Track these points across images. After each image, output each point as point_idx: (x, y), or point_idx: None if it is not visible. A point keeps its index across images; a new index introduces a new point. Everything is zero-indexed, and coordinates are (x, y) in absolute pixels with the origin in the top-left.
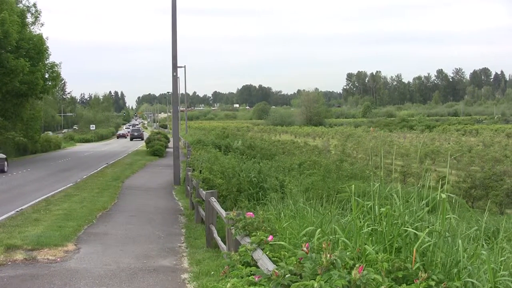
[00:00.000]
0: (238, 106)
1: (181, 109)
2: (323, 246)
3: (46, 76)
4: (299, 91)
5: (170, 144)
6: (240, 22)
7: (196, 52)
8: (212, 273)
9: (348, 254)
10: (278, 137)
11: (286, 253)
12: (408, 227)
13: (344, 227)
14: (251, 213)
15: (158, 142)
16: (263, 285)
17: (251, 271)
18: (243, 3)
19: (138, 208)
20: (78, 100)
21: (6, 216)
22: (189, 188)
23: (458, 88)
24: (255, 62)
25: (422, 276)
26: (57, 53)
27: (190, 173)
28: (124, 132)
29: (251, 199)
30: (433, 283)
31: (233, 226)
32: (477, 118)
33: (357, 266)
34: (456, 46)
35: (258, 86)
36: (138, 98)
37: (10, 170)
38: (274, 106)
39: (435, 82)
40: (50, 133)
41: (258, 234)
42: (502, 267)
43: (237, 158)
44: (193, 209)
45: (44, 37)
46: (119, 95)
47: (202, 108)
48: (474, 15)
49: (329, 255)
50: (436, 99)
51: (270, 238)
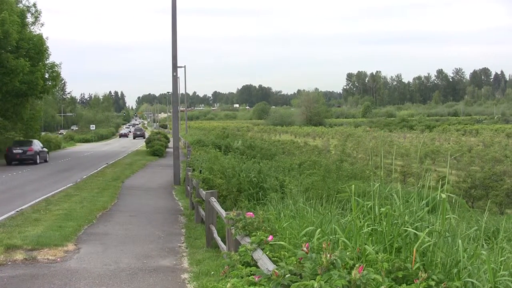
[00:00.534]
0: (238, 106)
1: (181, 109)
2: (323, 246)
3: (46, 76)
4: (299, 91)
5: (170, 144)
6: (240, 22)
7: (196, 52)
8: (212, 273)
9: (348, 254)
10: (278, 137)
11: (286, 253)
12: (408, 227)
13: (344, 227)
14: (251, 213)
15: (158, 142)
16: (263, 285)
17: (251, 271)
18: (243, 3)
19: (138, 208)
20: (78, 100)
21: (6, 216)
22: (189, 188)
23: (458, 88)
24: (255, 62)
25: (422, 276)
26: (57, 53)
27: (190, 173)
28: (125, 131)
29: (251, 199)
30: (433, 283)
31: (233, 226)
32: (477, 118)
33: (357, 266)
34: (456, 46)
35: (258, 86)
36: (138, 98)
37: (9, 170)
38: (274, 106)
39: (435, 82)
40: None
41: (258, 234)
42: (502, 267)
43: (237, 158)
44: (193, 209)
45: (44, 37)
46: (119, 95)
47: (202, 108)
48: (474, 15)
49: (329, 255)
50: (436, 99)
51: (270, 238)
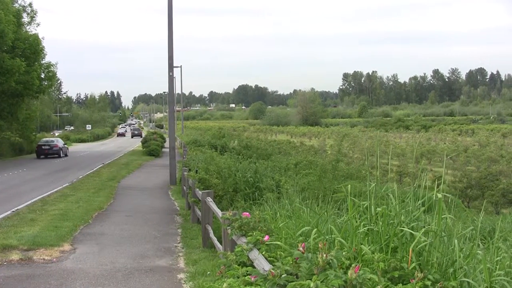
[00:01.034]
0: (234, 106)
1: (177, 109)
2: (319, 246)
3: (42, 76)
4: (295, 91)
5: (166, 144)
6: (236, 22)
7: (192, 52)
8: (208, 273)
9: (344, 254)
10: (274, 137)
11: (282, 253)
12: (404, 227)
13: (340, 227)
14: (247, 213)
15: (154, 142)
16: (259, 285)
17: (247, 271)
18: (239, 3)
19: (134, 208)
20: (74, 100)
21: (1, 216)
22: (185, 188)
23: (454, 88)
24: (251, 62)
25: (418, 276)
26: (53, 53)
27: (186, 173)
28: (122, 131)
29: (247, 199)
30: (429, 283)
31: (229, 226)
32: (473, 118)
33: (353, 266)
34: (452, 46)
35: (254, 86)
36: (134, 98)
37: (5, 170)
38: (270, 106)
39: (431, 82)
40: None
41: (254, 234)
42: (497, 267)
43: (233, 158)
44: (189, 209)
45: (40, 37)
46: (115, 95)
47: (198, 108)
48: (471, 16)
49: (325, 255)
50: (432, 99)
51: (266, 238)
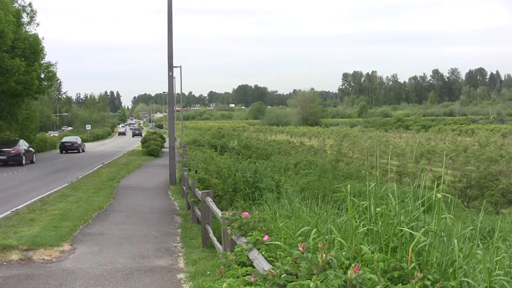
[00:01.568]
0: (234, 106)
1: (177, 109)
2: (319, 246)
3: (42, 76)
4: (295, 91)
5: (166, 144)
6: (236, 22)
7: (192, 52)
8: (208, 273)
9: (344, 254)
10: (274, 137)
11: (282, 253)
12: (403, 227)
13: (340, 227)
14: (247, 213)
15: (154, 142)
16: (259, 285)
17: (247, 271)
18: (239, 3)
19: (134, 208)
20: (74, 100)
21: (1, 216)
22: (185, 188)
23: (454, 88)
24: (251, 62)
25: (417, 275)
26: (52, 53)
27: (186, 173)
28: (123, 130)
29: (247, 199)
30: (428, 283)
31: (228, 226)
32: (472, 118)
33: (353, 266)
34: (451, 46)
35: (254, 86)
36: (134, 98)
37: (5, 170)
38: (270, 106)
39: (431, 82)
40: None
41: (254, 234)
42: (497, 267)
43: (233, 158)
44: (189, 209)
45: (40, 37)
46: (115, 95)
47: (198, 108)
48: (470, 16)
49: (325, 255)
50: (431, 99)
51: (266, 238)
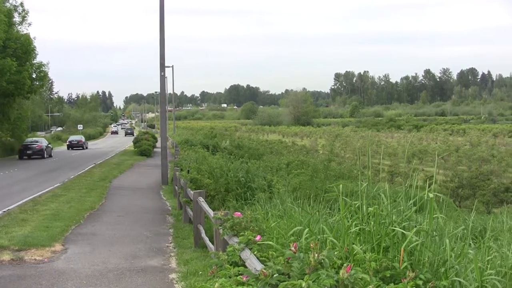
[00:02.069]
0: (226, 106)
1: (169, 109)
2: (311, 245)
3: (33, 76)
4: (287, 91)
5: (158, 144)
6: (228, 22)
7: (184, 51)
8: (200, 273)
9: (336, 253)
10: (266, 137)
11: (274, 252)
12: (395, 227)
13: (332, 227)
14: (239, 213)
15: (146, 142)
16: (251, 284)
17: (239, 271)
18: (231, 3)
19: (125, 208)
20: (66, 100)
21: None
22: (177, 188)
23: (446, 88)
24: (243, 62)
25: (409, 275)
26: (44, 52)
27: (178, 173)
28: (115, 129)
29: (239, 199)
30: (420, 282)
31: (221, 226)
32: (464, 118)
33: (345, 265)
34: (443, 47)
35: (246, 86)
36: (126, 98)
37: None
38: (262, 106)
39: (423, 82)
40: (36, 133)
41: (246, 234)
42: (489, 266)
43: (225, 158)
44: (181, 209)
45: (31, 36)
46: (107, 95)
47: (190, 108)
48: (462, 16)
49: (317, 255)
50: (423, 99)
51: (258, 238)
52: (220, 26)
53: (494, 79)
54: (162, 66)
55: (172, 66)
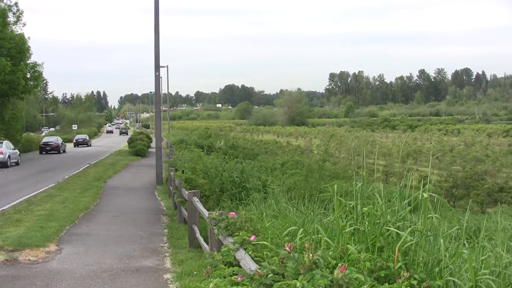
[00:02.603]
0: (220, 106)
1: (163, 109)
2: (306, 245)
3: (28, 75)
4: (282, 91)
5: (153, 144)
6: (223, 22)
7: (179, 51)
8: (194, 273)
9: (330, 253)
10: (260, 137)
11: (268, 252)
12: (390, 227)
13: (326, 227)
14: (234, 213)
15: (141, 142)
16: (246, 285)
17: (234, 271)
18: (226, 4)
19: (120, 208)
20: (60, 100)
21: None
22: (171, 188)
23: (440, 88)
24: (238, 62)
25: (404, 275)
26: (39, 52)
27: (172, 173)
28: (110, 129)
29: (234, 199)
30: (415, 282)
31: (215, 226)
32: (458, 118)
33: (339, 265)
34: (438, 47)
35: (240, 86)
36: (121, 98)
37: None
38: (256, 106)
39: (417, 82)
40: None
41: (241, 234)
42: (483, 266)
43: (219, 158)
44: (175, 209)
45: (26, 36)
46: (102, 95)
47: (184, 108)
48: (456, 16)
49: (311, 255)
50: (418, 99)
51: (253, 238)
52: (214, 26)
53: (489, 79)
54: (157, 66)
55: (167, 66)
